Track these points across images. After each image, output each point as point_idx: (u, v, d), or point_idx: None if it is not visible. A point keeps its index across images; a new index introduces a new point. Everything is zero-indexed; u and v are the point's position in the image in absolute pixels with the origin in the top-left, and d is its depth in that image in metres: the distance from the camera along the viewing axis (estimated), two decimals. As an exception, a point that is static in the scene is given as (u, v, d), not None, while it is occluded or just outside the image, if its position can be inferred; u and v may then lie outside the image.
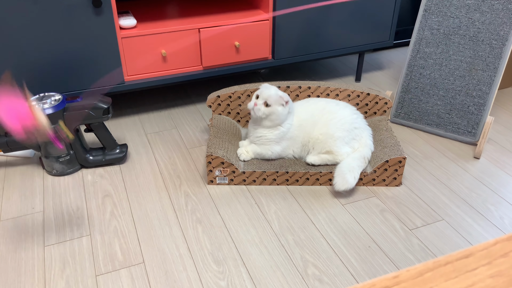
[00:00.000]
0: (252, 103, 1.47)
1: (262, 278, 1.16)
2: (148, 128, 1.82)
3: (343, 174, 1.41)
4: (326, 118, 1.50)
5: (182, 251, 1.25)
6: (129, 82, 1.73)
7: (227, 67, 1.85)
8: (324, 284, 1.15)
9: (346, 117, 1.50)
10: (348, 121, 1.49)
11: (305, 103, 1.56)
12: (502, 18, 1.59)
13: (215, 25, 1.75)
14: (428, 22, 1.73)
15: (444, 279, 0.40)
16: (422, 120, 1.79)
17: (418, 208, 1.41)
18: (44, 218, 1.36)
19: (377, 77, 2.25)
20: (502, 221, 1.36)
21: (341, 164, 1.45)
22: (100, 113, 1.49)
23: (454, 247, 1.27)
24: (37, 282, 1.15)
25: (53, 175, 1.54)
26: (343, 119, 1.49)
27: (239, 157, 1.53)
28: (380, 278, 0.40)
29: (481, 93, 1.65)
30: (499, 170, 1.58)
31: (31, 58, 1.55)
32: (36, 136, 1.12)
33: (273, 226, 1.33)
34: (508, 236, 0.45)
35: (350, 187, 1.40)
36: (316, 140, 1.50)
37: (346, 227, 1.33)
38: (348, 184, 1.40)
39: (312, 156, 1.50)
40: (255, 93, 1.50)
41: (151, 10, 1.89)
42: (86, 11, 1.54)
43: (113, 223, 1.34)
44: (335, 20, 1.93)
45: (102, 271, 1.19)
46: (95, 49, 1.62)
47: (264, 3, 1.84)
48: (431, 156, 1.66)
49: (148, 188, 1.49)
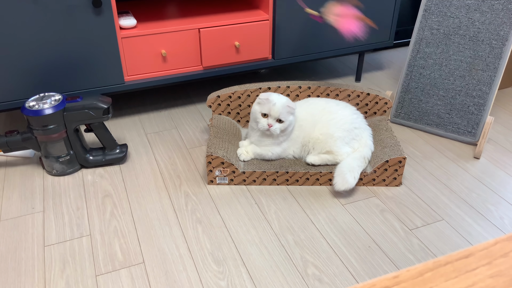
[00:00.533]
0: (264, 123, 1.44)
1: (262, 278, 1.16)
2: (148, 128, 1.82)
3: (343, 174, 1.41)
4: (326, 118, 1.50)
5: (182, 251, 1.25)
6: (129, 82, 1.73)
7: (227, 67, 1.85)
8: (324, 284, 1.15)
9: (346, 117, 1.50)
10: (348, 121, 1.49)
11: (305, 103, 1.56)
12: (502, 18, 1.59)
13: (215, 25, 1.75)
14: (428, 22, 1.73)
15: (444, 279, 0.40)
16: (422, 120, 1.79)
17: (418, 208, 1.41)
18: (44, 218, 1.36)
19: (377, 77, 2.25)
20: (502, 221, 1.36)
21: (341, 164, 1.45)
22: (100, 113, 1.49)
23: (454, 247, 1.27)
24: (37, 282, 1.15)
25: (53, 175, 1.54)
26: (343, 119, 1.49)
27: (238, 157, 1.52)
28: (380, 278, 0.40)
29: (481, 93, 1.65)
30: (499, 170, 1.58)
31: (31, 58, 1.55)
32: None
33: (273, 226, 1.33)
34: (508, 236, 0.45)
35: (350, 187, 1.40)
36: (316, 140, 1.50)
37: (346, 227, 1.33)
38: (348, 184, 1.40)
39: (312, 156, 1.50)
40: (260, 111, 1.45)
41: (151, 10, 1.89)
42: (86, 11, 1.54)
43: (113, 223, 1.34)
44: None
45: (102, 271, 1.19)
46: (95, 49, 1.62)
47: (264, 3, 1.84)
48: (431, 156, 1.66)
49: (148, 188, 1.49)
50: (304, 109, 1.54)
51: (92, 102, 1.48)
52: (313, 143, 1.51)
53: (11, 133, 1.48)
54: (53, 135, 1.46)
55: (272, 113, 1.43)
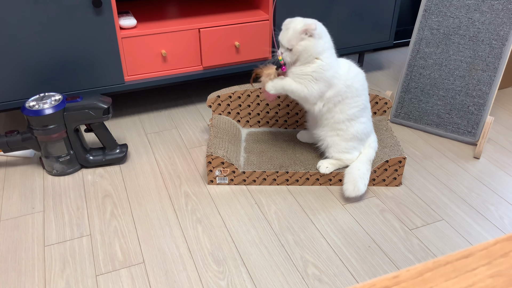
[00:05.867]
0: (278, 52, 1.36)
1: (262, 278, 1.16)
2: (148, 128, 1.83)
3: (355, 182, 1.40)
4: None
5: (182, 251, 1.25)
6: (129, 82, 1.73)
7: (227, 67, 1.85)
8: (324, 284, 1.15)
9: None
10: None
11: (357, 75, 1.45)
12: (502, 18, 1.59)
13: (215, 25, 1.75)
14: (428, 22, 1.73)
15: (444, 279, 0.40)
16: (422, 120, 1.79)
17: (418, 208, 1.41)
18: (44, 218, 1.36)
19: (377, 77, 2.26)
20: (502, 221, 1.36)
21: (352, 170, 1.43)
22: (100, 113, 1.49)
23: (454, 247, 1.27)
24: (37, 282, 1.15)
25: (53, 175, 1.54)
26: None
27: (267, 89, 1.39)
28: (380, 278, 0.40)
29: (481, 93, 1.66)
30: (499, 170, 1.58)
31: (31, 58, 1.55)
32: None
33: (273, 226, 1.33)
34: (508, 236, 0.45)
35: (360, 194, 1.40)
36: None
37: (346, 227, 1.33)
38: (360, 191, 1.40)
39: (325, 164, 1.47)
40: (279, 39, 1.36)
41: (151, 10, 1.89)
42: (86, 11, 1.54)
43: (113, 223, 1.34)
44: (335, 20, 1.93)
45: (102, 271, 1.19)
46: (95, 49, 1.62)
47: (264, 3, 1.84)
48: (431, 156, 1.66)
49: (148, 188, 1.49)
50: (352, 77, 1.42)
51: (92, 102, 1.48)
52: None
53: (11, 133, 1.48)
54: (53, 135, 1.46)
55: (281, 42, 1.34)
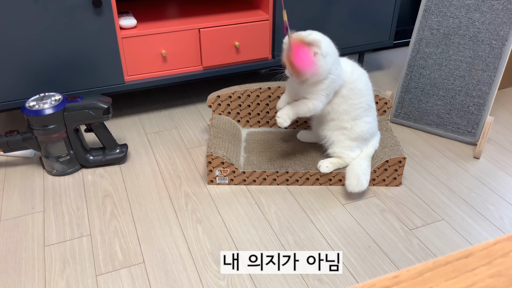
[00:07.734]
0: (287, 71, 1.35)
1: (262, 278, 1.16)
2: (148, 128, 1.83)
3: (358, 177, 1.40)
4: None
5: (182, 251, 1.25)
6: (129, 82, 1.73)
7: (227, 67, 1.85)
8: (324, 284, 1.15)
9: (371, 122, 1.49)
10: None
11: (360, 76, 1.46)
12: (502, 18, 1.59)
13: (215, 25, 1.75)
14: (428, 22, 1.73)
15: (444, 279, 0.40)
16: (422, 120, 1.79)
17: (418, 208, 1.41)
18: (44, 218, 1.36)
19: (377, 77, 2.25)
20: (502, 221, 1.36)
21: (354, 166, 1.44)
22: (100, 113, 1.49)
23: (454, 247, 1.27)
24: (37, 282, 1.15)
25: (53, 175, 1.54)
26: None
27: (280, 125, 1.37)
28: (380, 278, 0.40)
29: (481, 93, 1.66)
30: (499, 170, 1.58)
31: (31, 58, 1.55)
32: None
33: (273, 226, 1.33)
34: (508, 236, 0.45)
35: (363, 189, 1.40)
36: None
37: (346, 227, 1.33)
38: (363, 186, 1.40)
39: (325, 164, 1.48)
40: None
41: (151, 10, 1.89)
42: (86, 11, 1.54)
43: (113, 223, 1.34)
44: (335, 20, 1.93)
45: (102, 271, 1.19)
46: (95, 49, 1.62)
47: (264, 3, 1.84)
48: (431, 156, 1.66)
49: (148, 188, 1.49)
50: (355, 79, 1.42)
51: (92, 102, 1.48)
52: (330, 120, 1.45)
53: (11, 133, 1.48)
54: (53, 135, 1.46)
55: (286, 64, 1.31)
